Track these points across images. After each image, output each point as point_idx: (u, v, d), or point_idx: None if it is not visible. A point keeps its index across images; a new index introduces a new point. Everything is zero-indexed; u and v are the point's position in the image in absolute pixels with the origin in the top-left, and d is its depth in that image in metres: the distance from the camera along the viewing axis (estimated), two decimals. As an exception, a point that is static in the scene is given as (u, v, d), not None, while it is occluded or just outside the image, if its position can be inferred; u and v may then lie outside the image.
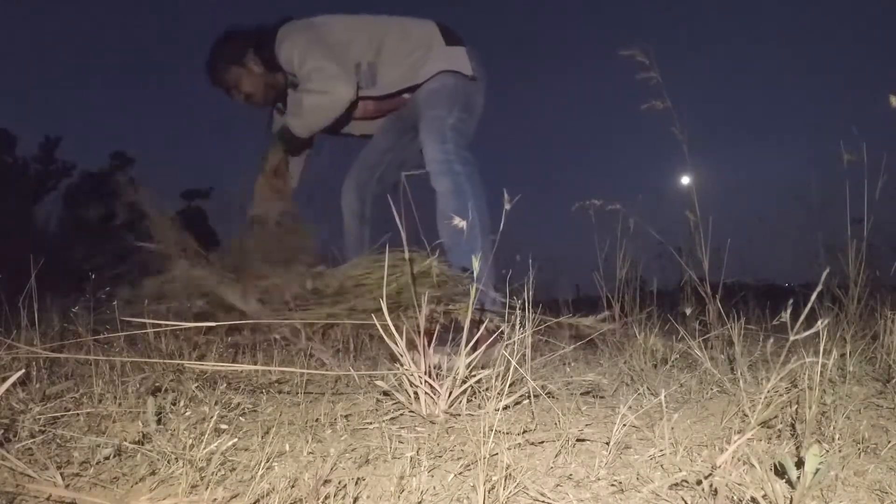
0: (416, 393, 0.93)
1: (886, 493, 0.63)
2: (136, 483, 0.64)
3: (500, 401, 0.88)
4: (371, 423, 0.87)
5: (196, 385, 1.00)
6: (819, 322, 0.69)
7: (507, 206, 0.97)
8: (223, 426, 0.81)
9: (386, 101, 1.93)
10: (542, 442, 0.79)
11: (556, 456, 0.73)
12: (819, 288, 0.71)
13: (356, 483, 0.64)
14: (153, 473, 0.66)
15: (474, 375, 0.94)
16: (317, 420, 0.89)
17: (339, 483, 0.64)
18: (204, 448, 0.66)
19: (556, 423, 0.87)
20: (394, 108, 1.97)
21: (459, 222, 0.96)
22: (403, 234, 1.02)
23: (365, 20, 1.90)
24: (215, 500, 0.59)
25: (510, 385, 0.90)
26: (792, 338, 0.70)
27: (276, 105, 2.08)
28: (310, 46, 1.81)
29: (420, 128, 1.80)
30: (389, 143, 2.06)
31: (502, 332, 0.99)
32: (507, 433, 0.83)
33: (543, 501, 0.61)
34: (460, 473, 0.68)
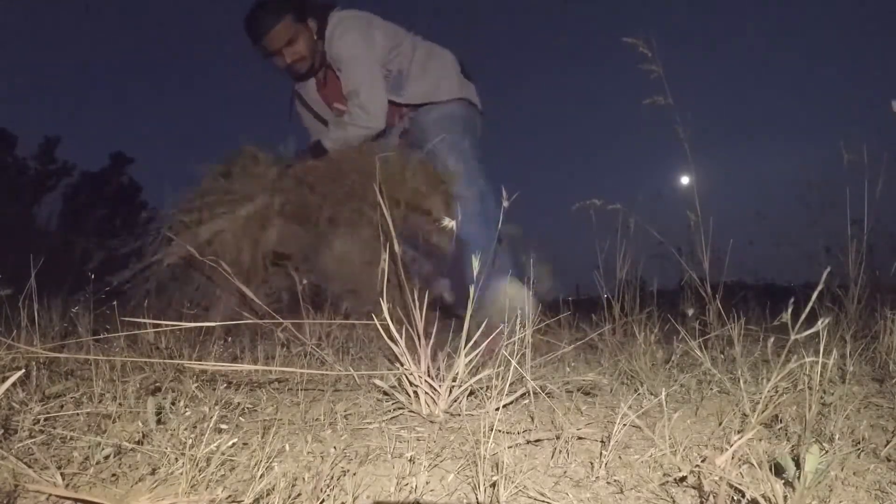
0: (415, 393, 0.93)
1: (886, 493, 0.63)
2: (136, 482, 0.64)
3: (500, 400, 0.88)
4: (371, 423, 0.87)
5: (196, 385, 1.00)
6: (819, 322, 0.69)
7: (505, 204, 0.98)
8: (223, 426, 0.81)
9: (400, 108, 2.07)
10: (542, 441, 0.79)
11: (556, 455, 0.74)
12: (819, 287, 0.71)
13: (356, 483, 0.64)
14: (153, 473, 0.66)
15: (474, 375, 0.94)
16: (317, 419, 0.89)
17: (339, 482, 0.64)
18: (204, 447, 0.66)
19: (555, 423, 0.87)
20: (398, 117, 2.11)
21: (448, 222, 0.98)
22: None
23: (403, 31, 2.03)
24: (215, 499, 0.59)
25: (510, 385, 0.90)
26: (792, 337, 0.70)
27: (297, 91, 2.15)
28: (363, 54, 1.91)
29: (441, 150, 1.97)
30: None
31: (502, 331, 0.99)
32: (507, 433, 0.83)
33: (543, 501, 0.61)
34: (460, 473, 0.68)
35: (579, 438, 0.79)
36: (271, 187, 1.83)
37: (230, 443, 0.70)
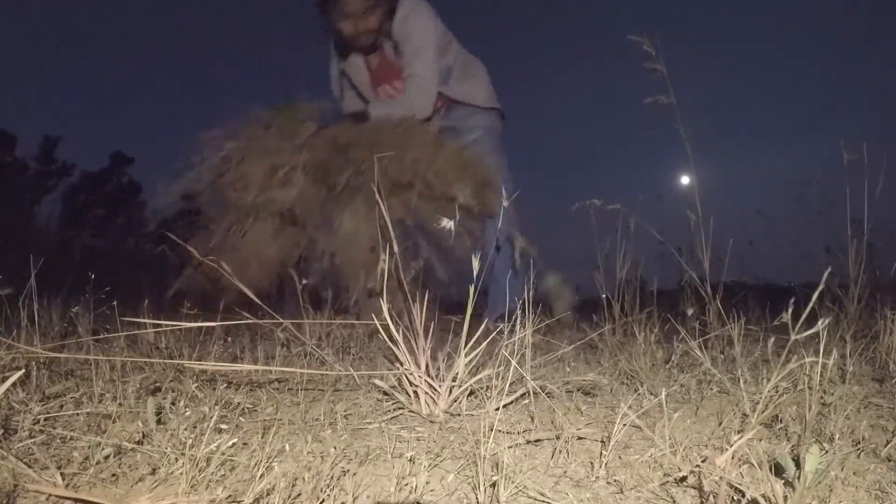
0: (415, 393, 0.93)
1: (886, 493, 0.63)
2: (136, 482, 0.64)
3: (500, 400, 0.88)
4: (371, 423, 0.87)
5: (196, 385, 1.00)
6: (819, 322, 0.69)
7: (505, 203, 0.98)
8: (223, 426, 0.81)
9: (441, 99, 2.18)
10: (542, 441, 0.79)
11: (556, 455, 0.74)
12: (820, 288, 0.71)
13: (356, 482, 0.64)
14: (153, 473, 0.66)
15: (474, 375, 0.94)
16: (317, 419, 0.89)
17: (339, 482, 0.64)
18: (204, 447, 0.66)
19: (555, 423, 0.87)
20: (437, 108, 2.21)
21: (447, 223, 0.99)
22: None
23: (451, 33, 2.15)
24: (215, 499, 0.59)
25: (510, 385, 0.90)
26: (792, 338, 0.70)
27: (342, 70, 2.23)
28: (432, 40, 2.02)
29: (483, 152, 2.07)
30: None
31: (501, 331, 0.99)
32: (507, 433, 0.83)
33: (543, 501, 0.61)
34: (460, 473, 0.68)
35: (579, 438, 0.79)
36: (303, 143, 1.84)
37: (230, 443, 0.70)
